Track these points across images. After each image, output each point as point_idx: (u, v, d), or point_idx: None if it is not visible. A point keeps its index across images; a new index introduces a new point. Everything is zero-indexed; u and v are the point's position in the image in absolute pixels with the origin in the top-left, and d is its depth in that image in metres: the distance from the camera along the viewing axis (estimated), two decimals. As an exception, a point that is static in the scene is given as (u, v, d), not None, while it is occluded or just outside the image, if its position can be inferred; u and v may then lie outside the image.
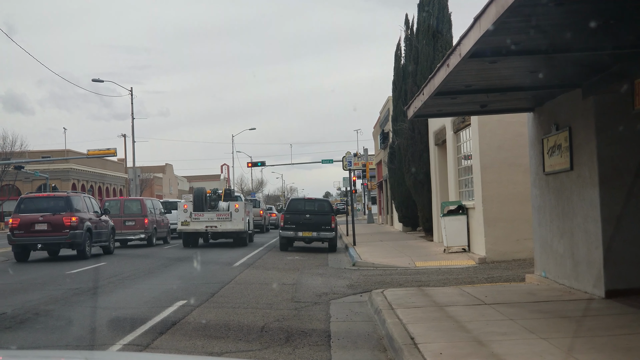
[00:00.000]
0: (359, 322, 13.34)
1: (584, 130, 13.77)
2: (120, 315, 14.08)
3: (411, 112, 16.33)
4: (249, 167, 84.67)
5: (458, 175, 28.03)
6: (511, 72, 12.62)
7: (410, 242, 34.41)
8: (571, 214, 14.63)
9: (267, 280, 20.16)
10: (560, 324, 11.35)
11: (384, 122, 53.96)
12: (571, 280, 14.83)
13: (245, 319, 13.37)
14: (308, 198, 37.58)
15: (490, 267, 21.52)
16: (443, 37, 33.66)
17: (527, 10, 8.63)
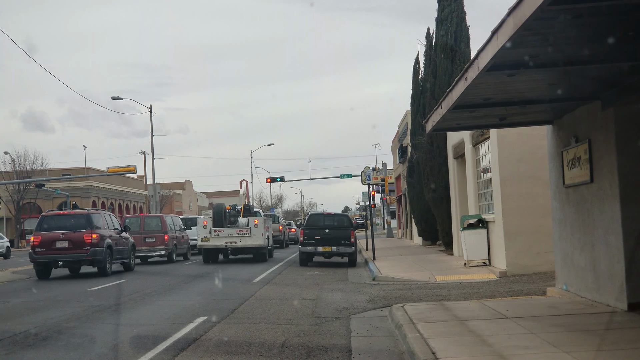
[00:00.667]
0: (380, 337, 13.30)
1: (604, 142, 13.71)
2: (141, 332, 14.11)
3: (429, 126, 16.32)
4: (267, 183, 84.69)
5: (477, 189, 27.95)
6: (530, 85, 12.59)
7: (430, 256, 34.30)
8: (592, 226, 14.55)
9: (288, 296, 20.15)
10: (583, 338, 11.27)
11: (402, 137, 53.93)
12: (593, 294, 14.74)
13: (266, 335, 13.36)
14: (327, 213, 37.62)
15: (511, 280, 21.41)
16: (461, 51, 33.67)
17: (544, 23, 8.62)
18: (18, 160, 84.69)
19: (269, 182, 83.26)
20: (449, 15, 34.22)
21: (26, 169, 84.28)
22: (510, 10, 8.56)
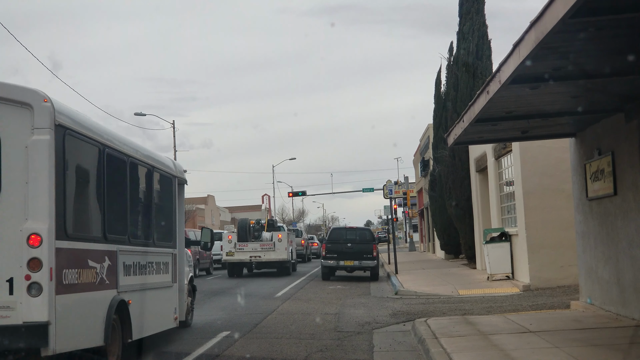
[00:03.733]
0: (403, 351, 13.25)
1: (627, 154, 13.63)
2: (164, 346, 14.13)
3: (451, 139, 16.29)
4: (289, 197, 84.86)
5: (500, 202, 27.84)
6: (552, 97, 12.55)
7: (452, 269, 34.16)
8: (616, 239, 14.44)
9: (310, 310, 20.13)
10: (607, 352, 11.17)
11: (424, 150, 53.85)
12: (618, 307, 14.61)
13: (288, 350, 13.35)
14: (349, 227, 37.61)
15: (534, 294, 21.28)
16: (483, 64, 33.60)
17: (566, 36, 8.60)
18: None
19: (291, 196, 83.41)
20: (470, 28, 34.17)
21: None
22: (532, 24, 8.55)
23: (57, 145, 9.59)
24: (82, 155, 10.74)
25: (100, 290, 10.92)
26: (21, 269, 9.22)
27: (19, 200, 9.37)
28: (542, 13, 8.16)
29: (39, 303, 9.21)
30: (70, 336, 9.82)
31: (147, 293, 13.26)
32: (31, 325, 9.18)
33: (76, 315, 10.14)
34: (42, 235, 9.26)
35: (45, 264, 9.25)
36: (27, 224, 9.28)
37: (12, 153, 9.43)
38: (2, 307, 9.19)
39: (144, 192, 13.64)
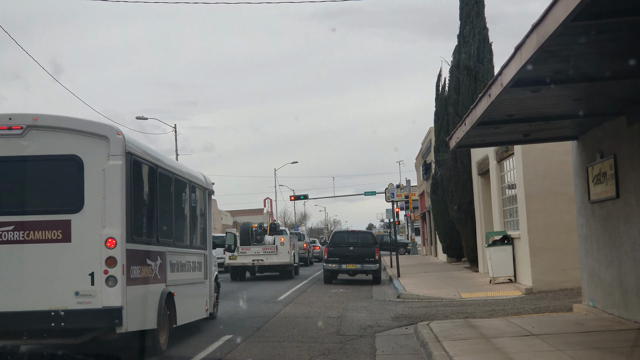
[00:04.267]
0: (405, 355, 13.25)
1: (629, 157, 13.63)
2: (167, 350, 14.11)
3: (453, 142, 16.30)
4: (291, 201, 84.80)
5: (502, 205, 27.85)
6: (554, 101, 12.56)
7: (455, 273, 34.16)
8: (618, 242, 14.44)
9: (312, 314, 20.13)
10: (610, 355, 11.17)
11: (426, 153, 53.87)
12: (620, 310, 14.61)
13: (290, 354, 13.35)
14: (351, 230, 37.67)
15: (537, 297, 21.28)
16: (484, 67, 33.65)
17: (568, 39, 8.61)
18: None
19: (293, 200, 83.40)
20: (471, 32, 34.22)
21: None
22: (533, 27, 8.56)
23: (127, 168, 12.10)
24: (142, 175, 13.27)
25: (155, 284, 13.44)
26: (100, 265, 11.64)
27: (98, 211, 11.81)
28: (544, 16, 8.17)
29: (115, 292, 11.64)
30: (135, 319, 12.23)
31: (186, 287, 15.86)
32: (109, 309, 11.60)
33: (139, 302, 12.53)
34: (116, 239, 11.72)
35: (119, 262, 11.71)
36: (105, 230, 11.73)
37: (93, 175, 11.90)
38: (85, 295, 11.59)
39: (184, 202, 16.27)
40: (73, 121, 12.28)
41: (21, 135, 12.03)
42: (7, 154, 12.02)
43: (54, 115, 12.47)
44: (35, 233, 11.82)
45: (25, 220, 11.80)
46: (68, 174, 12.11)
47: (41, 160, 12.11)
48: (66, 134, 12.11)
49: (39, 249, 11.77)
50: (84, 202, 11.83)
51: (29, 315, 11.59)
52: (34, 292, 11.66)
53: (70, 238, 11.79)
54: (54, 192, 12.26)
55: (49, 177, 12.26)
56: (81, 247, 11.78)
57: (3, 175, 12.16)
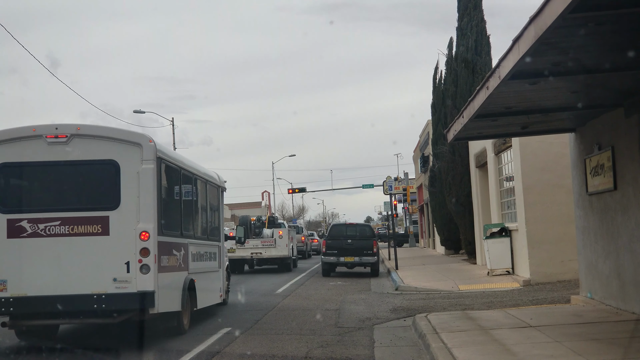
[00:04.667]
0: (404, 346, 13.28)
1: (627, 149, 13.65)
2: (165, 343, 14.14)
3: (451, 135, 16.31)
4: (289, 194, 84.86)
5: (500, 197, 27.87)
6: (552, 93, 12.56)
7: (453, 265, 34.20)
8: (616, 234, 14.47)
9: (310, 306, 20.15)
10: (608, 346, 11.20)
11: (424, 146, 53.87)
12: (618, 301, 14.64)
13: (289, 346, 13.37)
14: (349, 223, 37.67)
15: (535, 289, 21.31)
16: (482, 60, 33.62)
17: (566, 31, 8.61)
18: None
19: (291, 192, 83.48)
20: (468, 24, 34.19)
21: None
22: (531, 19, 8.56)
23: (157, 171, 13.83)
24: (169, 176, 15.02)
25: (180, 271, 15.27)
26: (135, 255, 13.36)
27: (133, 208, 13.54)
28: (542, 8, 8.17)
29: (148, 278, 13.39)
30: (165, 302, 13.96)
31: (205, 275, 17.69)
32: (143, 293, 13.33)
33: (168, 287, 14.27)
34: (149, 232, 13.48)
35: (152, 252, 13.47)
36: (139, 225, 13.48)
37: (128, 177, 13.62)
38: (122, 281, 13.32)
39: (202, 199, 18.19)
40: (111, 130, 14.30)
41: (66, 143, 13.79)
42: (54, 159, 13.80)
43: (94, 125, 14.60)
44: (78, 227, 13.56)
45: (70, 216, 13.57)
46: (106, 176, 13.82)
47: (83, 164, 13.94)
48: (105, 141, 13.91)
49: (82, 241, 13.50)
50: (120, 201, 13.61)
51: (74, 298, 13.33)
52: (78, 279, 13.41)
53: (109, 232, 13.53)
54: (94, 192, 14.00)
55: (89, 179, 14.07)
56: (118, 239, 13.49)
57: (50, 178, 14.03)
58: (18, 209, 13.69)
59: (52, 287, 13.35)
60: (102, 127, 14.51)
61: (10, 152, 13.86)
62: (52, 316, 13.74)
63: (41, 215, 13.57)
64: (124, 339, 14.97)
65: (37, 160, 13.86)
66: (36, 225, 13.51)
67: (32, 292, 13.35)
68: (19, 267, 13.45)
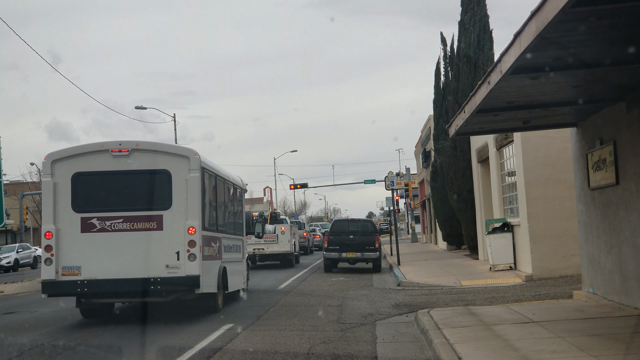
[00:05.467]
0: (406, 342, 13.27)
1: (629, 143, 13.62)
2: (167, 340, 14.14)
3: (453, 130, 16.28)
4: (291, 190, 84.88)
5: (502, 192, 27.84)
6: (553, 87, 12.53)
7: (455, 260, 34.18)
8: (618, 229, 14.44)
9: (313, 302, 20.15)
10: (610, 342, 11.18)
11: (425, 141, 53.83)
12: (620, 296, 14.62)
13: (291, 342, 13.37)
14: (351, 219, 37.63)
15: (537, 284, 21.30)
16: (484, 55, 33.56)
17: (567, 25, 8.58)
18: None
19: (292, 188, 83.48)
20: (471, 18, 34.11)
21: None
22: (533, 14, 8.54)
23: (201, 178, 16.96)
24: (209, 182, 18.13)
25: (216, 260, 18.46)
26: (184, 246, 16.41)
27: (182, 208, 16.60)
28: (543, 3, 8.14)
29: (195, 265, 16.45)
30: (206, 284, 17.04)
31: (233, 264, 20.78)
32: (191, 276, 16.40)
33: (208, 273, 17.40)
34: (196, 227, 16.56)
35: (197, 243, 16.52)
36: (187, 222, 16.53)
37: (179, 183, 16.69)
38: (173, 267, 16.36)
39: (230, 200, 21.46)
40: (164, 146, 17.42)
41: (127, 156, 16.85)
42: (118, 168, 16.89)
43: (151, 141, 17.64)
44: (137, 224, 16.62)
45: (131, 215, 16.64)
46: (161, 182, 16.81)
47: (141, 173, 17.05)
48: (159, 154, 16.97)
49: (140, 235, 16.55)
50: (172, 202, 16.64)
51: (134, 281, 16.34)
52: (137, 265, 16.36)
53: (163, 227, 16.56)
54: (150, 195, 16.88)
55: (147, 184, 17.02)
56: (170, 233, 16.50)
57: (115, 184, 17.08)
58: (89, 209, 16.77)
59: (117, 272, 16.36)
60: (158, 143, 17.65)
61: (82, 164, 16.96)
62: (116, 295, 17.09)
63: (108, 214, 16.65)
64: (128, 335, 14.99)
65: (104, 169, 16.97)
66: (104, 222, 16.63)
67: (100, 275, 16.42)
68: (90, 256, 16.53)
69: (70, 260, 16.57)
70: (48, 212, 16.94)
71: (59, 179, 16.95)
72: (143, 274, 16.36)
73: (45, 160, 17.18)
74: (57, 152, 17.25)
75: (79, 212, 16.72)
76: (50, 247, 16.63)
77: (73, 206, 16.79)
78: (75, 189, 16.88)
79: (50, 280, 16.59)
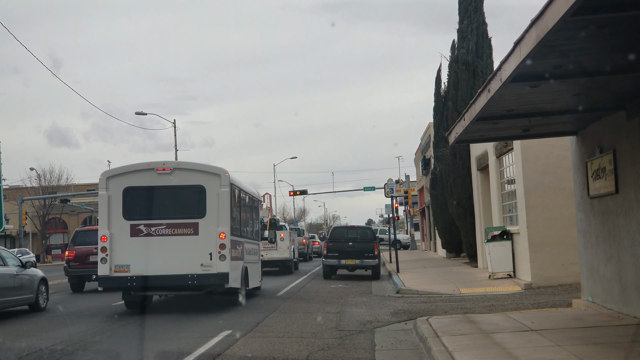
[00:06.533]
0: (404, 350, 13.25)
1: (629, 152, 13.62)
2: (165, 347, 14.12)
3: (452, 137, 16.29)
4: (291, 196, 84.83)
5: (501, 200, 27.84)
6: (553, 95, 12.54)
7: (454, 268, 34.16)
8: (617, 237, 14.44)
9: (311, 309, 20.14)
10: (609, 350, 11.17)
11: (425, 149, 53.86)
12: (619, 305, 14.61)
13: (289, 349, 13.35)
14: (350, 226, 37.61)
15: (536, 292, 21.28)
16: (483, 62, 33.60)
17: (568, 33, 8.58)
18: (43, 175, 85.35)
19: (292, 195, 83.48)
20: (469, 26, 34.15)
21: (51, 185, 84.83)
22: (533, 22, 8.54)
23: (230, 192, 20.22)
24: (235, 196, 21.44)
25: (240, 260, 21.68)
26: (215, 248, 19.62)
27: (214, 217, 19.80)
28: (543, 11, 8.15)
29: (225, 264, 19.67)
30: (233, 280, 20.18)
31: (252, 264, 24.01)
32: (221, 273, 19.63)
33: (234, 270, 20.50)
34: (226, 233, 19.78)
35: (227, 246, 19.72)
36: (219, 228, 19.74)
37: (212, 196, 19.94)
38: (207, 266, 19.52)
39: (250, 210, 24.88)
40: (200, 165, 20.63)
41: (170, 174, 20.10)
42: (162, 184, 20.11)
43: (189, 162, 21.08)
44: (177, 229, 19.76)
45: (172, 222, 19.81)
46: (197, 196, 20.12)
47: (181, 188, 20.41)
48: (196, 172, 20.32)
49: (180, 239, 19.70)
50: (206, 212, 19.86)
51: (174, 277, 19.51)
52: (177, 263, 19.49)
53: (198, 232, 19.73)
54: (188, 206, 20.34)
55: (185, 197, 20.50)
56: (204, 238, 19.66)
57: (159, 196, 20.15)
58: (137, 217, 19.84)
59: (160, 269, 19.46)
60: (195, 163, 20.89)
61: (131, 180, 20.18)
62: (159, 289, 20.51)
63: (153, 222, 19.76)
64: (126, 341, 14.97)
65: (150, 184, 20.11)
66: (149, 228, 19.73)
67: (146, 272, 19.49)
68: (138, 256, 19.58)
69: (121, 260, 19.61)
70: (103, 219, 19.97)
71: (112, 193, 20.07)
72: (182, 271, 19.43)
73: (101, 177, 20.31)
74: (111, 170, 20.78)
75: (129, 220, 19.81)
76: (105, 249, 19.71)
77: (124, 215, 19.85)
78: (126, 200, 19.99)
79: (104, 276, 19.65)
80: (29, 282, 21.66)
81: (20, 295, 21.07)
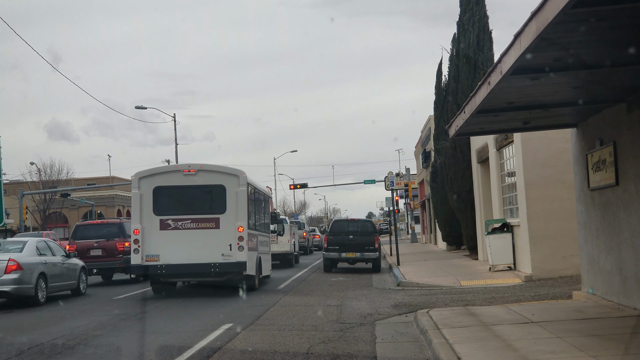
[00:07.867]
0: (405, 342, 13.27)
1: (629, 144, 13.62)
2: (166, 341, 14.14)
3: (453, 130, 16.28)
4: (291, 190, 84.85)
5: (502, 193, 27.84)
6: (553, 88, 12.53)
7: (454, 261, 34.18)
8: (618, 229, 14.45)
9: (312, 302, 20.16)
10: (610, 342, 11.19)
11: (425, 141, 53.83)
12: (620, 297, 14.63)
13: (290, 342, 13.37)
14: (351, 219, 37.62)
15: (536, 284, 21.30)
16: (484, 55, 33.55)
17: (568, 26, 8.58)
18: (44, 170, 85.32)
19: (292, 188, 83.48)
20: (470, 19, 34.10)
21: (52, 179, 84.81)
22: (533, 15, 8.54)
23: (247, 191, 22.89)
24: (251, 194, 24.08)
25: (254, 251, 24.13)
26: (235, 240, 22.26)
27: (233, 213, 22.47)
28: (543, 4, 8.14)
29: (243, 254, 22.30)
30: (250, 268, 22.70)
31: (264, 255, 26.58)
32: (240, 262, 22.28)
33: (251, 260, 22.98)
34: (243, 227, 22.42)
35: (245, 238, 22.36)
36: (237, 222, 22.40)
37: (231, 195, 22.65)
38: (227, 255, 22.19)
39: (262, 206, 27.53)
40: (221, 167, 23.45)
41: (194, 174, 22.86)
42: (187, 184, 22.90)
43: (212, 164, 23.66)
44: (201, 224, 22.53)
45: (196, 217, 22.59)
46: (218, 194, 22.80)
47: (204, 187, 23.13)
48: (217, 173, 23.01)
49: (203, 232, 22.42)
50: (226, 208, 22.56)
51: (198, 265, 22.27)
52: (201, 253, 22.16)
53: (219, 226, 22.43)
54: (211, 203, 23.04)
55: (208, 195, 23.21)
56: (225, 231, 22.31)
57: (185, 195, 23.04)
58: (166, 213, 22.59)
59: (185, 258, 22.19)
60: (216, 165, 23.60)
61: (161, 180, 22.98)
62: (185, 276, 23.37)
63: (179, 217, 22.55)
64: (127, 335, 14.99)
65: (177, 184, 22.89)
66: (177, 222, 22.48)
67: (174, 261, 22.21)
68: (166, 247, 22.29)
69: (152, 250, 22.31)
70: (136, 215, 22.73)
71: (143, 191, 22.82)
72: (205, 260, 22.12)
73: (133, 177, 23.15)
74: (142, 172, 23.22)
75: (158, 215, 22.56)
76: (137, 241, 22.44)
77: (154, 211, 22.58)
78: (156, 198, 22.74)
79: (137, 264, 22.53)
80: (72, 270, 24.49)
81: (66, 281, 24.01)
